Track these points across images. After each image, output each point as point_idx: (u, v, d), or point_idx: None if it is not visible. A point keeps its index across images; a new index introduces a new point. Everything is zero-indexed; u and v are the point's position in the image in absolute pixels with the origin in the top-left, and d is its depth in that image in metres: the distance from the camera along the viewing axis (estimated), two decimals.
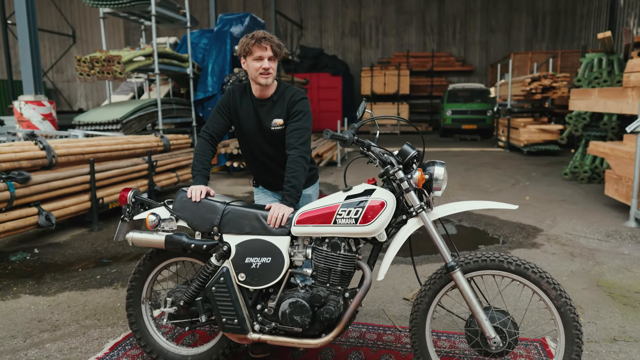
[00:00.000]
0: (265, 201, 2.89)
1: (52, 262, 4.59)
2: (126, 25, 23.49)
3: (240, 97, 2.73)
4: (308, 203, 2.87)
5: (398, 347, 2.87)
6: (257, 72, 2.56)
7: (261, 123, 2.69)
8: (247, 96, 2.72)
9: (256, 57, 2.53)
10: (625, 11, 16.18)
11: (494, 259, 2.20)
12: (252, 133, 2.73)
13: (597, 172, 8.10)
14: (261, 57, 2.53)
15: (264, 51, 2.52)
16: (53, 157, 5.16)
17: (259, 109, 2.70)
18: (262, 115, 2.69)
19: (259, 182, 2.95)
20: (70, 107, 24.12)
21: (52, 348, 2.93)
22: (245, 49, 2.53)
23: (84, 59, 8.16)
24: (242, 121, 2.73)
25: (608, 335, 3.00)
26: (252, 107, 2.71)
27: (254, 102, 2.71)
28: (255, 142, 2.75)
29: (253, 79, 2.61)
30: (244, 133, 2.76)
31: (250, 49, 2.52)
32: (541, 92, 12.14)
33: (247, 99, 2.72)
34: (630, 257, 4.45)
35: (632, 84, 5.61)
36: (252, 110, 2.71)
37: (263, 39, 2.51)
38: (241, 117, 2.72)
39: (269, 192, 2.93)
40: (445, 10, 22.47)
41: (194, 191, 2.50)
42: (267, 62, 2.54)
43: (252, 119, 2.71)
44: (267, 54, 2.54)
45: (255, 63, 2.55)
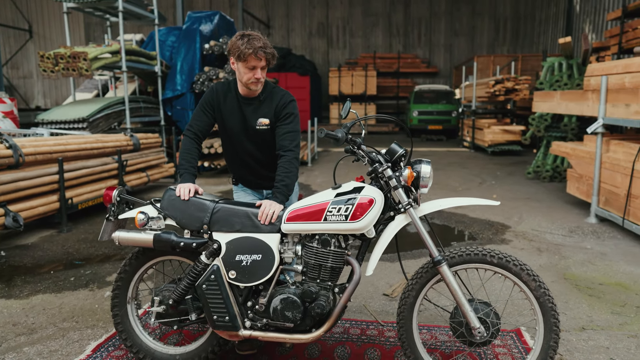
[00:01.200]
0: (245, 199, 2.89)
1: (21, 264, 4.44)
2: (87, 21, 22.78)
3: (225, 94, 2.71)
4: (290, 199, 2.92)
5: (382, 341, 2.94)
6: (248, 80, 2.55)
7: (246, 121, 2.69)
8: (232, 94, 2.70)
9: (250, 66, 2.50)
10: (581, 17, 16.95)
11: (478, 253, 2.30)
12: (236, 131, 2.72)
13: (559, 171, 8.47)
14: (255, 67, 2.51)
15: (258, 62, 2.50)
16: (20, 156, 4.99)
17: (245, 107, 2.69)
18: (248, 114, 2.68)
19: (239, 181, 2.94)
20: (27, 104, 23.17)
21: (30, 352, 2.85)
22: (240, 55, 2.47)
23: (47, 55, 7.88)
24: (226, 119, 2.71)
25: (577, 324, 3.17)
26: (237, 105, 2.69)
27: (239, 100, 2.69)
28: (238, 140, 2.74)
29: (243, 83, 2.60)
30: (227, 131, 2.74)
31: (245, 57, 2.47)
32: (504, 94, 12.56)
33: (232, 96, 2.70)
34: (592, 252, 4.69)
35: (592, 88, 5.91)
36: (237, 108, 2.69)
37: (260, 49, 2.46)
38: (225, 114, 2.71)
39: (249, 190, 2.93)
40: (411, 13, 22.91)
41: (183, 189, 2.49)
42: (259, 72, 2.53)
43: (236, 116, 2.69)
44: (261, 64, 2.52)
45: (248, 72, 2.53)
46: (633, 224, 4.95)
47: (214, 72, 9.63)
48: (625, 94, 5.10)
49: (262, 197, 2.92)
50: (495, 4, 22.41)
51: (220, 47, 9.98)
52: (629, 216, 5.05)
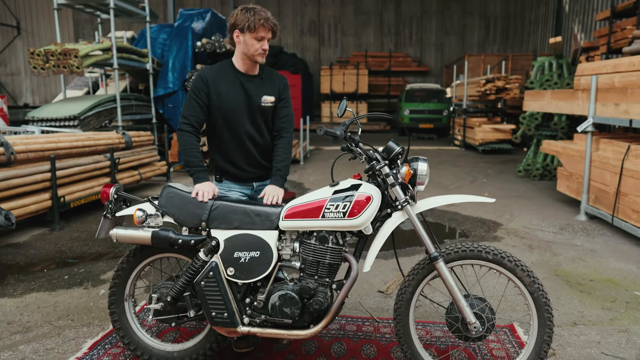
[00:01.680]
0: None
1: (14, 262, 4.41)
2: (76, 17, 22.57)
3: (217, 75, 2.63)
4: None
5: (378, 337, 2.97)
6: (256, 52, 2.55)
7: (250, 98, 2.64)
8: (229, 73, 2.64)
9: (259, 37, 2.52)
10: (570, 17, 17.13)
11: (473, 249, 2.34)
12: (237, 110, 2.64)
13: (549, 169, 8.58)
14: (263, 37, 2.53)
15: (267, 32, 2.53)
16: (12, 153, 4.94)
17: (247, 84, 2.64)
18: (251, 90, 2.64)
19: (224, 176, 2.78)
20: (15, 102, 22.89)
21: (26, 350, 2.84)
22: (250, 25, 2.48)
23: (37, 51, 7.81)
24: (224, 99, 2.61)
25: (569, 320, 3.23)
26: (238, 82, 2.63)
27: (239, 78, 2.63)
28: (238, 120, 2.64)
29: (249, 56, 2.58)
30: (225, 111, 2.63)
31: (254, 27, 2.48)
32: (495, 93, 12.67)
33: (230, 75, 2.63)
34: (583, 249, 4.77)
35: (582, 87, 5.99)
36: (238, 85, 2.63)
37: (268, 19, 2.50)
38: (222, 94, 2.61)
39: (235, 185, 2.78)
40: (402, 12, 22.98)
41: (202, 192, 2.45)
42: (266, 43, 2.56)
43: (238, 94, 2.63)
44: (269, 35, 2.55)
45: (256, 42, 2.53)
46: (622, 221, 5.04)
47: None
48: (615, 93, 5.18)
49: (252, 191, 2.82)
50: (486, 3, 22.55)
51: (212, 45, 9.95)
52: (618, 214, 5.13)
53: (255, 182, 2.82)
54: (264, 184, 2.81)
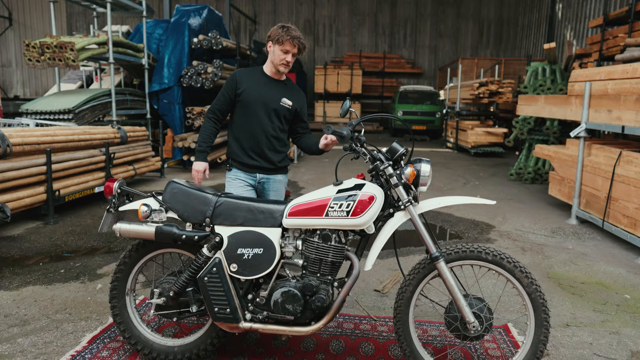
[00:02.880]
0: (235, 186, 3.07)
1: (9, 256, 4.38)
2: (69, 10, 22.35)
3: (248, 75, 3.04)
4: (278, 189, 3.13)
5: (375, 335, 3.01)
6: (279, 61, 2.93)
7: (270, 96, 3.00)
8: (259, 74, 3.04)
9: (284, 50, 2.89)
10: (563, 24, 17.33)
11: (473, 250, 2.38)
12: (257, 102, 2.98)
13: (540, 173, 8.69)
14: (288, 51, 2.90)
15: (293, 48, 2.90)
16: (7, 146, 4.91)
17: (272, 85, 3.02)
18: (274, 92, 3.01)
19: (234, 163, 3.10)
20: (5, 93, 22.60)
21: (24, 343, 2.84)
22: (279, 39, 2.87)
23: (33, 43, 7.74)
24: (249, 92, 2.97)
25: (562, 321, 3.30)
26: (264, 82, 3.02)
27: (266, 79, 3.03)
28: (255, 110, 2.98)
29: (275, 64, 2.96)
30: (246, 100, 2.97)
31: (282, 41, 2.87)
32: (488, 97, 12.78)
33: (259, 76, 3.04)
34: (574, 252, 4.85)
35: (575, 93, 6.08)
36: (264, 84, 3.01)
37: (297, 38, 2.88)
38: (248, 86, 2.98)
39: (242, 174, 3.08)
40: (397, 13, 23.07)
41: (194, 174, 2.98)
42: (290, 57, 2.93)
43: (261, 89, 2.99)
44: (293, 51, 2.92)
45: (281, 54, 2.91)
46: (612, 225, 5.13)
47: (202, 66, 9.58)
48: (608, 100, 5.27)
49: (255, 182, 3.10)
50: (480, 7, 22.72)
51: (209, 42, 9.93)
52: (608, 218, 5.23)
53: (259, 172, 3.09)
54: (266, 177, 3.11)
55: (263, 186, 3.13)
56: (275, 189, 3.17)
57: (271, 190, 3.15)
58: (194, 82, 9.60)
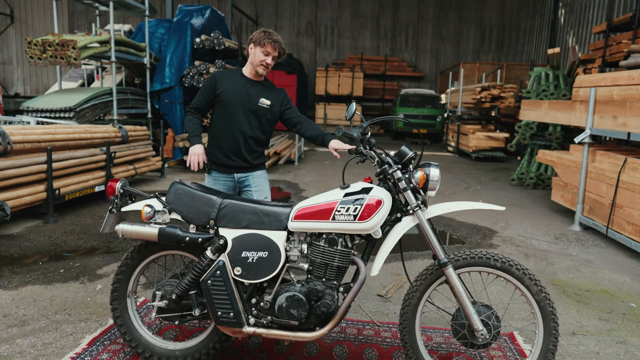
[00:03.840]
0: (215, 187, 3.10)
1: (8, 254, 4.34)
2: (71, 9, 22.33)
3: (227, 75, 3.09)
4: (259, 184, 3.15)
5: (379, 341, 2.97)
6: (259, 62, 2.98)
7: (249, 97, 3.03)
8: (237, 76, 3.08)
9: (265, 52, 2.95)
10: (565, 29, 17.33)
11: (482, 257, 2.34)
12: (235, 102, 3.02)
13: (542, 178, 8.66)
14: (269, 53, 2.96)
15: (273, 51, 2.97)
16: (8, 143, 4.87)
17: (249, 87, 3.05)
18: (251, 93, 3.04)
19: (213, 166, 3.14)
20: (6, 91, 22.55)
21: (23, 344, 2.79)
22: (260, 41, 2.95)
23: (35, 41, 7.71)
24: (227, 92, 3.01)
25: (567, 329, 3.26)
26: (242, 83, 3.05)
27: (244, 81, 3.07)
28: (234, 111, 3.03)
29: (254, 65, 3.01)
30: (225, 102, 3.02)
31: (264, 43, 2.94)
32: (490, 101, 12.76)
33: (237, 78, 3.07)
34: (578, 259, 4.82)
35: (580, 98, 6.06)
36: (241, 86, 3.04)
37: (277, 42, 2.96)
38: (227, 89, 3.02)
39: (221, 176, 3.12)
40: (399, 17, 23.07)
41: (193, 158, 2.86)
42: (270, 59, 2.98)
43: (239, 91, 3.03)
44: (274, 54, 2.98)
45: (261, 55, 2.96)
46: (617, 232, 5.10)
47: (204, 66, 9.55)
48: (613, 106, 5.24)
49: (234, 182, 3.14)
50: (482, 12, 22.73)
51: (211, 42, 9.90)
52: (612, 225, 5.19)
53: (237, 172, 3.13)
54: (245, 175, 3.15)
55: (243, 184, 3.17)
56: (256, 184, 3.16)
57: (253, 187, 3.15)
58: (195, 82, 9.57)
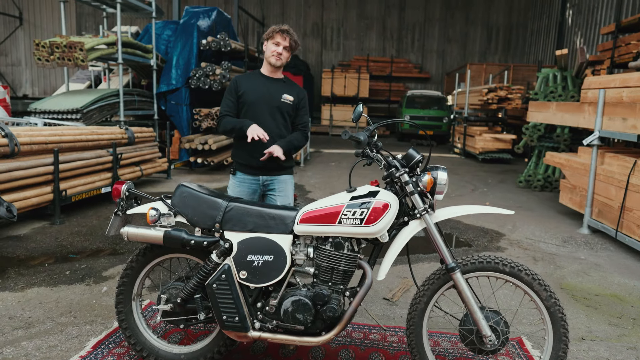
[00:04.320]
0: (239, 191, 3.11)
1: (14, 256, 4.35)
2: (79, 10, 22.46)
3: (247, 78, 3.15)
4: (284, 190, 3.10)
5: (385, 346, 2.94)
6: (271, 54, 3.02)
7: (271, 95, 3.08)
8: (257, 76, 3.14)
9: (274, 42, 3.01)
10: (573, 30, 17.21)
11: (490, 261, 2.31)
12: (259, 101, 3.05)
13: (550, 181, 8.59)
14: (278, 43, 3.01)
15: (283, 40, 3.01)
16: (15, 145, 4.89)
17: (270, 85, 3.10)
18: (273, 90, 3.09)
19: (239, 167, 3.13)
20: (15, 92, 22.71)
21: (29, 346, 2.79)
22: (269, 34, 3.03)
23: (42, 43, 7.74)
24: (250, 92, 3.06)
25: (577, 335, 3.21)
26: (262, 82, 3.10)
27: (264, 79, 3.12)
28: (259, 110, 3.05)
29: (267, 58, 3.06)
30: (249, 102, 3.06)
31: (272, 35, 3.01)
32: (497, 103, 12.69)
33: (257, 78, 3.13)
34: (587, 262, 4.76)
35: (589, 100, 6.00)
36: (262, 85, 3.09)
37: (286, 31, 3.00)
38: (249, 89, 3.07)
39: (247, 178, 3.11)
40: (406, 18, 23.02)
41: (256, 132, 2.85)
42: (281, 48, 3.02)
43: (261, 90, 3.07)
44: (284, 44, 3.01)
45: (272, 46, 3.02)
46: (626, 236, 5.04)
47: (210, 68, 9.56)
48: (623, 107, 5.18)
49: (259, 185, 3.12)
50: (489, 13, 22.63)
51: (217, 44, 9.91)
52: (622, 228, 5.13)
53: (262, 174, 3.10)
54: (271, 179, 3.13)
55: (268, 187, 3.14)
56: (281, 189, 3.14)
57: (277, 192, 3.13)
58: (201, 84, 9.58)
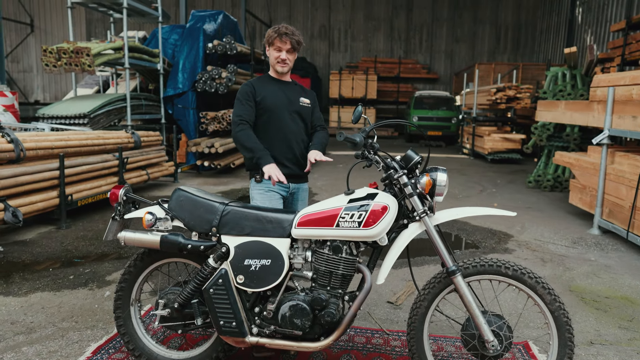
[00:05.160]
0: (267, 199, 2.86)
1: (20, 260, 4.37)
2: (88, 17, 22.70)
3: (262, 82, 2.99)
4: (305, 199, 3.02)
5: (387, 351, 2.89)
6: (275, 61, 2.90)
7: (289, 99, 2.97)
8: (269, 81, 3.01)
9: (276, 48, 2.87)
10: (583, 28, 17.00)
11: (492, 264, 2.26)
12: (280, 106, 2.93)
13: (560, 181, 8.46)
14: (280, 48, 2.86)
15: (283, 44, 2.85)
16: (21, 150, 4.91)
17: (286, 89, 2.99)
18: (290, 94, 2.99)
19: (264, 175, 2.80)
20: (26, 98, 23.01)
21: (29, 352, 2.78)
22: (269, 40, 2.88)
23: (50, 49, 7.80)
24: (270, 98, 2.93)
25: (585, 338, 3.13)
26: (278, 87, 2.98)
27: (279, 84, 3.00)
28: (280, 116, 2.93)
29: (272, 65, 2.95)
30: (269, 108, 2.91)
31: (272, 41, 2.86)
32: (505, 102, 12.56)
33: (270, 82, 3.00)
34: (597, 264, 4.66)
35: (598, 98, 5.89)
36: (279, 90, 2.97)
37: (285, 34, 2.83)
38: (268, 95, 2.93)
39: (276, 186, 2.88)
40: (413, 18, 22.92)
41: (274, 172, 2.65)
42: (284, 54, 2.88)
43: (279, 95, 2.95)
44: (286, 47, 2.86)
45: (274, 52, 2.89)
46: (637, 236, 4.93)
47: (216, 71, 9.58)
48: (633, 105, 5.08)
49: (288, 192, 2.95)
50: (497, 11, 22.45)
51: (223, 47, 9.93)
52: (633, 229, 5.02)
53: (292, 182, 2.95)
54: (297, 187, 3.00)
55: (293, 197, 3.00)
56: (303, 197, 3.08)
57: (299, 200, 3.04)
58: (208, 87, 9.60)
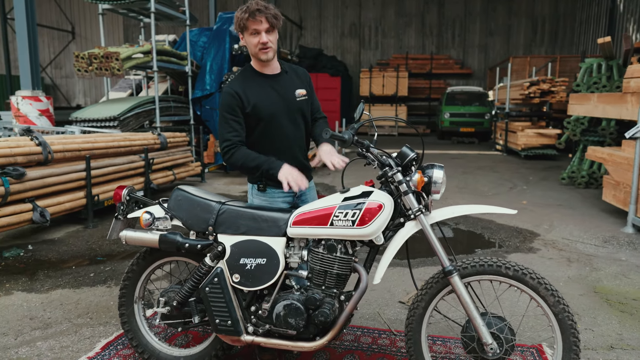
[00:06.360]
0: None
1: (46, 258, 4.54)
2: (125, 23, 23.42)
3: (247, 84, 2.50)
4: (314, 195, 2.84)
5: (393, 352, 2.84)
6: (256, 48, 2.42)
7: (285, 99, 2.55)
8: (255, 78, 2.53)
9: (252, 32, 2.39)
10: (625, 17, 16.23)
11: (492, 264, 2.17)
12: (276, 113, 2.52)
13: (595, 177, 8.10)
14: (257, 30, 2.39)
15: (259, 24, 2.37)
16: (49, 153, 5.11)
17: (277, 85, 2.55)
18: (284, 91, 2.56)
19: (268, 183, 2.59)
20: (69, 103, 24.03)
21: (43, 346, 2.89)
22: (241, 25, 2.40)
23: (82, 55, 8.10)
24: (263, 106, 2.48)
25: (605, 342, 2.98)
26: (269, 86, 2.53)
27: (267, 79, 2.54)
28: (277, 122, 2.53)
29: (254, 55, 2.48)
30: (266, 119, 2.50)
31: (245, 24, 2.38)
32: (539, 97, 12.14)
33: (258, 81, 2.52)
34: (627, 264, 4.43)
35: (631, 90, 5.60)
36: (271, 90, 2.53)
37: (257, 11, 2.34)
38: (259, 102, 2.48)
39: (279, 194, 2.59)
40: (445, 13, 22.49)
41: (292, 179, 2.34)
42: (264, 35, 2.39)
43: (274, 98, 2.52)
44: (263, 27, 2.38)
45: (252, 38, 2.41)
46: None
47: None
48: None
49: (294, 198, 2.68)
50: (533, 3, 21.72)
51: None
52: None
53: None
54: (304, 191, 2.65)
55: (300, 198, 2.72)
56: (312, 196, 2.83)
57: (309, 198, 2.79)
58: None
